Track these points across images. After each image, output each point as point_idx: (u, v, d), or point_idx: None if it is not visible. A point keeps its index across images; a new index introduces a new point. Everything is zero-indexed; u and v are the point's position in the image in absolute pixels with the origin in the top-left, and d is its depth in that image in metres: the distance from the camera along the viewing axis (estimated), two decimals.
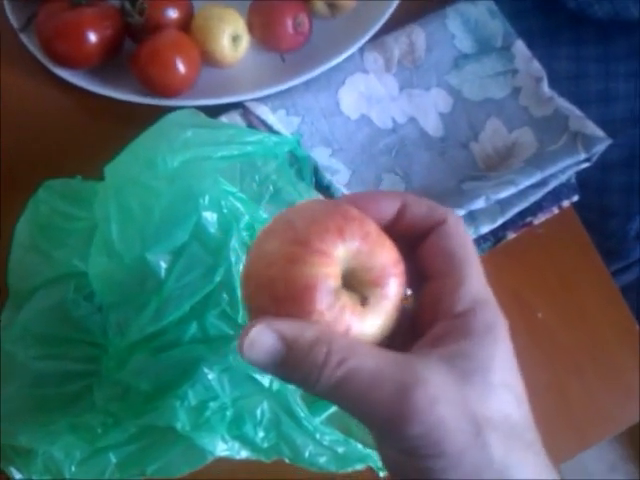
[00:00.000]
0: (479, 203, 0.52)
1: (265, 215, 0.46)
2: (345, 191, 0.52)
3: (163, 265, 0.40)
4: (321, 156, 0.54)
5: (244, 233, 0.43)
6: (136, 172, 0.42)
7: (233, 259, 0.40)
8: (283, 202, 0.48)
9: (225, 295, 0.40)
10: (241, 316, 0.41)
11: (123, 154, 0.44)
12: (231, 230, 0.41)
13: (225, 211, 0.41)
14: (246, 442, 0.42)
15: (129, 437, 0.43)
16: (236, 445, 0.42)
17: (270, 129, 0.53)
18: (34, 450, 0.43)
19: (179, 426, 0.39)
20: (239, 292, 0.40)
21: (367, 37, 0.57)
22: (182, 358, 0.40)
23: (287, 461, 0.43)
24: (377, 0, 0.58)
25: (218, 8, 0.54)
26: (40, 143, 0.55)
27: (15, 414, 0.43)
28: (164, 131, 0.44)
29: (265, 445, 0.42)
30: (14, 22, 0.55)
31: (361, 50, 0.57)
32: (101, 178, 0.46)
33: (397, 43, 0.58)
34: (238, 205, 0.43)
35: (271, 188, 0.48)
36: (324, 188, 0.52)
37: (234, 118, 0.53)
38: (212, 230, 0.40)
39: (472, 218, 0.53)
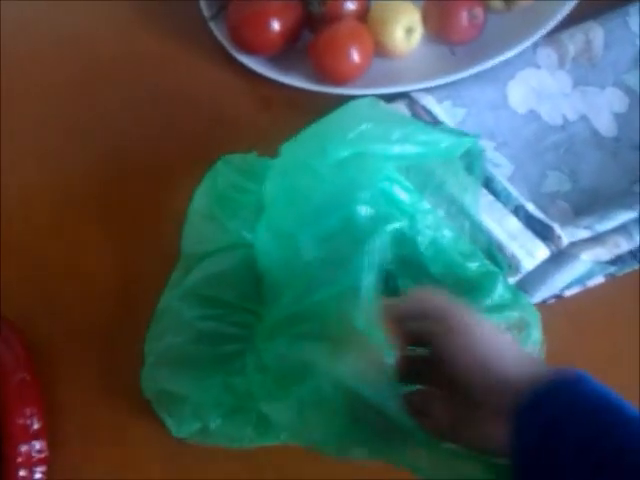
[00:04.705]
0: None
1: (428, 206, 0.46)
2: (508, 185, 0.51)
3: (312, 249, 0.41)
4: None
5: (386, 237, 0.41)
6: (306, 156, 0.44)
7: (365, 262, 0.39)
8: (446, 195, 0.48)
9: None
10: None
11: (299, 136, 0.45)
12: (376, 231, 0.40)
13: (379, 210, 0.41)
14: None
15: None
16: None
17: (435, 119, 0.54)
18: (187, 398, 0.46)
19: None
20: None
21: (542, 33, 0.56)
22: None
23: None
24: None
25: (396, 1, 0.55)
26: (217, 123, 0.59)
27: (176, 364, 0.47)
28: (341, 120, 0.45)
29: None
30: (205, 12, 0.61)
31: (534, 45, 0.56)
32: (274, 157, 0.48)
33: (572, 40, 0.57)
34: (402, 196, 0.43)
35: (436, 180, 0.47)
36: (485, 181, 0.52)
37: (400, 108, 0.55)
38: (362, 225, 0.40)
39: None
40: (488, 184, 0.51)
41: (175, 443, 0.45)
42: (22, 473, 0.43)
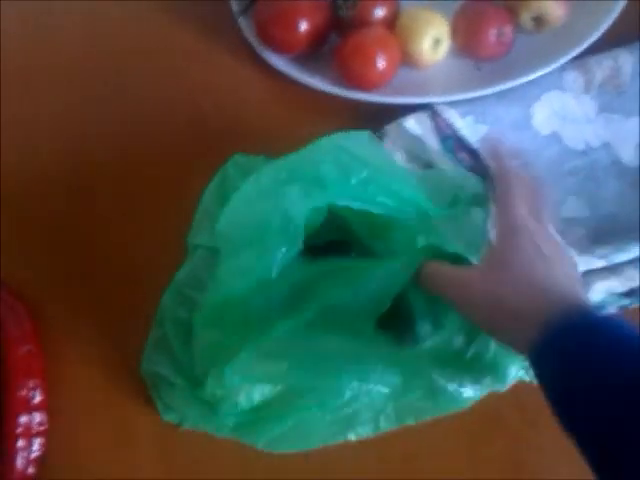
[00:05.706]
0: None
1: None
2: None
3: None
4: None
5: None
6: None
7: None
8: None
9: None
10: None
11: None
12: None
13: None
14: None
15: None
16: None
17: (456, 134, 0.53)
18: (175, 385, 0.45)
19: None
20: None
21: (570, 56, 0.55)
22: None
23: None
24: (586, 20, 0.57)
25: (425, 11, 0.55)
26: (238, 119, 0.58)
27: (168, 352, 0.46)
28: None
29: None
30: (234, 7, 0.60)
31: (561, 68, 0.56)
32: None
33: (600, 66, 0.56)
34: None
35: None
36: None
37: (422, 119, 0.54)
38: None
39: None
40: None
41: (167, 425, 0.45)
42: (20, 444, 0.43)
